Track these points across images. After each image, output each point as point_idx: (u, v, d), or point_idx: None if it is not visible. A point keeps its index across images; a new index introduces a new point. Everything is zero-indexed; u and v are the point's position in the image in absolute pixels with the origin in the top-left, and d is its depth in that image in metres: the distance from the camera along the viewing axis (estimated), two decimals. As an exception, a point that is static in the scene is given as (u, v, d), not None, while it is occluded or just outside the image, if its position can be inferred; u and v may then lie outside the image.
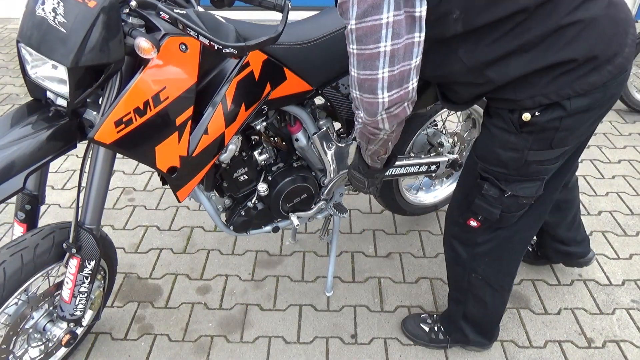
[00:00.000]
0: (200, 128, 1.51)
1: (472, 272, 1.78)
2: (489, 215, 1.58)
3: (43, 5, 1.26)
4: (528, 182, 1.51)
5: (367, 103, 1.31)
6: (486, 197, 1.55)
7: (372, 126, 1.38)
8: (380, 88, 1.27)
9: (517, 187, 1.51)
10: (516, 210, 1.58)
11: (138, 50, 1.26)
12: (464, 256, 1.76)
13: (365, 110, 1.33)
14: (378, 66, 1.23)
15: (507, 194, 1.52)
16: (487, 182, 1.53)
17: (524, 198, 1.54)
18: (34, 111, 1.42)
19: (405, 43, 1.22)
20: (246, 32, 1.52)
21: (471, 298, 1.85)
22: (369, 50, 1.22)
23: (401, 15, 1.18)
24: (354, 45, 1.23)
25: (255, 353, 2.02)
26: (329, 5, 1.83)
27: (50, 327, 1.69)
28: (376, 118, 1.33)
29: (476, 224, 1.64)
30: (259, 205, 1.90)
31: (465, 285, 1.83)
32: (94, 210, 1.53)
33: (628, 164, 3.15)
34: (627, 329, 2.11)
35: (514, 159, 1.46)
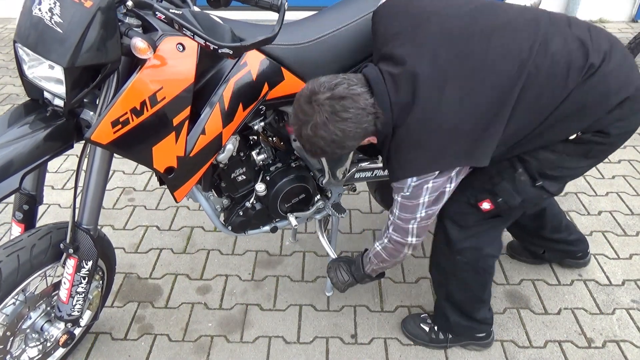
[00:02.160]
0: (197, 128, 1.51)
1: (458, 254, 1.79)
2: (510, 200, 1.62)
3: (40, 5, 1.26)
4: (555, 181, 1.61)
5: (399, 227, 1.61)
6: (516, 182, 1.60)
7: (399, 240, 1.63)
8: (414, 222, 1.57)
9: (547, 182, 1.60)
10: (535, 203, 1.67)
11: (134, 51, 1.26)
12: (453, 237, 1.77)
13: (396, 231, 1.62)
14: (418, 211, 1.54)
15: (537, 184, 1.59)
16: (523, 166, 1.59)
17: (547, 193, 1.62)
18: (31, 111, 1.42)
19: (441, 192, 1.52)
20: (242, 32, 1.52)
21: (453, 280, 1.87)
22: (412, 203, 1.53)
23: (443, 177, 1.48)
24: (399, 198, 1.54)
25: (255, 353, 2.01)
26: (327, 5, 1.83)
27: (48, 327, 1.69)
28: (407, 236, 1.61)
29: (489, 206, 1.66)
30: (257, 206, 1.90)
31: (449, 267, 1.85)
32: (91, 210, 1.53)
33: (628, 164, 3.14)
34: (627, 329, 2.11)
35: (551, 160, 1.56)
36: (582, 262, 2.37)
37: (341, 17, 1.75)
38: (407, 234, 1.59)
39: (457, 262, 1.80)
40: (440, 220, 1.80)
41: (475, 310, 1.94)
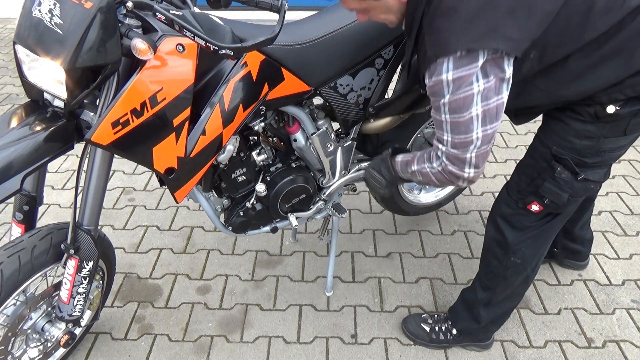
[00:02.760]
0: (197, 129, 1.51)
1: (512, 255, 1.75)
2: (557, 199, 1.57)
3: (39, 6, 1.25)
4: (598, 167, 1.54)
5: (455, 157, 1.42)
6: (558, 181, 1.55)
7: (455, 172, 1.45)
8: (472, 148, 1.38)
9: (589, 172, 1.53)
10: (583, 194, 1.60)
11: (135, 51, 1.26)
12: (510, 239, 1.73)
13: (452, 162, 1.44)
14: (472, 129, 1.34)
15: (579, 177, 1.53)
16: (561, 165, 1.53)
17: (592, 182, 1.56)
18: (31, 112, 1.42)
19: (497, 104, 1.32)
20: (243, 33, 1.52)
21: (502, 283, 1.83)
22: (463, 118, 1.33)
23: (491, 81, 1.29)
24: (447, 116, 1.35)
25: (255, 353, 2.02)
26: (327, 5, 1.83)
27: (49, 327, 1.69)
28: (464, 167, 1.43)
29: (538, 208, 1.62)
30: (257, 206, 1.90)
31: (500, 269, 1.80)
32: (91, 210, 1.53)
33: (628, 164, 3.15)
34: (627, 329, 2.11)
35: (589, 147, 1.49)
36: (583, 264, 2.38)
37: (341, 17, 1.75)
38: (465, 165, 1.42)
39: (509, 264, 1.77)
40: (494, 222, 1.78)
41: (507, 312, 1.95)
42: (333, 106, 1.82)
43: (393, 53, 1.83)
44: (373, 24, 1.76)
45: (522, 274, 1.80)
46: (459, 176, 1.45)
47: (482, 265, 1.91)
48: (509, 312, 1.96)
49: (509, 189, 1.72)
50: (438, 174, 1.50)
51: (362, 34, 1.76)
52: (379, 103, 1.88)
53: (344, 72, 1.78)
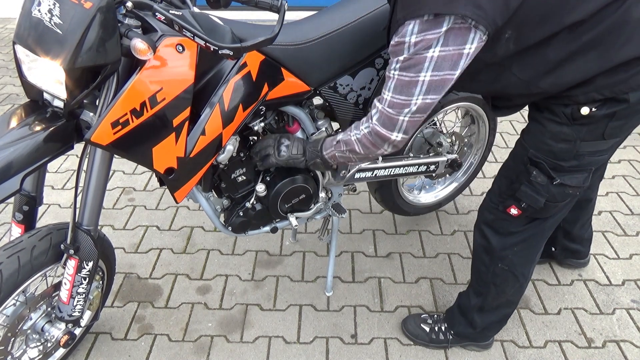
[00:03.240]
0: (197, 129, 1.51)
1: (499, 261, 1.76)
2: (534, 203, 1.56)
3: (39, 6, 1.25)
4: (577, 172, 1.52)
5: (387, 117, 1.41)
6: (534, 184, 1.54)
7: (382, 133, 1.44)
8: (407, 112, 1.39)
9: (566, 177, 1.51)
10: (561, 200, 1.57)
11: (134, 51, 1.26)
12: (495, 245, 1.74)
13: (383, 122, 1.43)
14: (414, 94, 1.34)
15: (555, 182, 1.52)
16: (536, 169, 1.53)
17: (571, 188, 1.54)
18: (30, 112, 1.42)
19: (445, 77, 1.32)
20: (242, 33, 1.52)
21: (493, 290, 1.84)
22: (409, 78, 1.32)
23: (449, 51, 1.27)
24: (396, 72, 1.34)
25: (255, 353, 2.02)
26: (327, 5, 1.83)
27: (49, 327, 1.69)
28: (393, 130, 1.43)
29: (517, 212, 1.62)
30: (257, 206, 1.89)
31: (488, 276, 1.81)
32: (91, 211, 1.53)
33: (628, 164, 3.14)
34: (627, 329, 2.11)
35: (565, 150, 1.47)
36: (583, 262, 2.38)
37: (341, 17, 1.75)
38: (395, 127, 1.42)
39: (497, 271, 1.78)
40: (480, 229, 1.79)
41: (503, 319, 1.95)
42: (333, 106, 1.82)
43: (393, 53, 1.83)
44: (373, 24, 1.76)
45: (513, 282, 1.80)
46: (385, 139, 1.45)
47: (473, 271, 1.92)
48: (505, 319, 1.96)
49: (490, 194, 1.73)
50: (363, 138, 1.50)
51: (362, 34, 1.76)
52: (379, 103, 1.87)
53: (344, 72, 1.77)
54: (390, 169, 2.13)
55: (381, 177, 2.14)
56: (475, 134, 2.53)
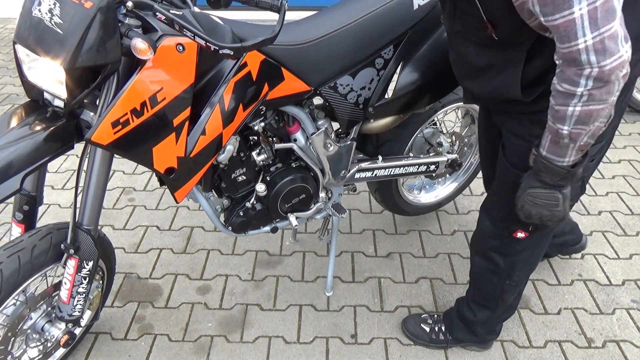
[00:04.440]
0: (197, 129, 1.51)
1: (508, 279, 1.76)
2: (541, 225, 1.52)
3: (39, 6, 1.26)
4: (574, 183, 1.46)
5: (609, 38, 1.11)
6: None
7: (615, 70, 1.13)
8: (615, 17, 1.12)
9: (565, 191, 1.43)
10: None
11: (135, 51, 1.26)
12: (503, 266, 1.73)
13: (607, 49, 1.11)
14: (616, 11, 1.10)
15: None
16: None
17: (571, 200, 1.47)
18: (31, 112, 1.42)
19: None
20: (243, 33, 1.52)
21: (501, 304, 1.86)
22: None
23: None
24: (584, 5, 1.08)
25: (255, 353, 2.02)
26: (327, 5, 1.83)
27: (49, 327, 1.69)
28: (620, 54, 1.12)
29: (524, 234, 1.60)
30: (257, 206, 1.90)
31: (497, 293, 1.81)
32: (91, 210, 1.53)
33: (628, 164, 3.14)
34: (627, 329, 2.11)
35: None
36: (579, 246, 2.36)
37: (341, 17, 1.75)
38: (617, 40, 1.11)
39: (506, 288, 1.79)
40: (484, 255, 1.77)
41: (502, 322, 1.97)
42: (333, 106, 1.82)
43: (393, 53, 1.83)
44: (373, 23, 1.76)
45: (517, 290, 1.83)
46: (619, 64, 1.12)
47: (476, 289, 1.91)
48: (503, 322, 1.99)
49: (492, 221, 1.70)
50: (595, 91, 1.16)
51: (362, 33, 1.76)
52: (379, 103, 1.88)
53: (344, 72, 1.77)
54: (390, 169, 2.13)
55: (381, 177, 2.14)
56: (475, 134, 2.53)
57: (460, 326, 1.98)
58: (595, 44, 1.10)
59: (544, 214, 1.39)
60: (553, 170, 1.32)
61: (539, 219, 1.41)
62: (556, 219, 1.40)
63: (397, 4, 1.79)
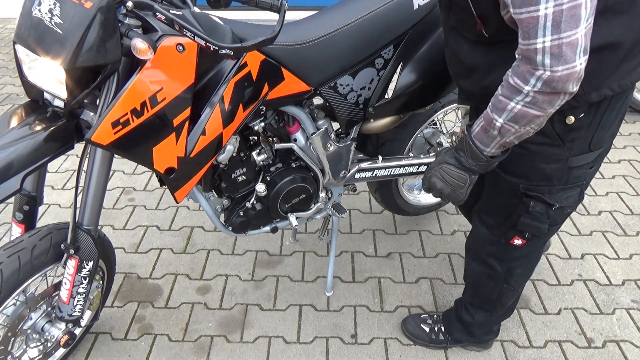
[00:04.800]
0: (197, 129, 1.51)
1: (505, 284, 1.77)
2: (538, 232, 1.56)
3: (39, 6, 1.26)
4: (570, 189, 1.50)
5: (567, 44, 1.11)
6: (533, 214, 1.53)
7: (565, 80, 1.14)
8: None
9: (562, 198, 1.50)
10: (562, 221, 1.58)
11: (135, 51, 1.26)
12: (500, 271, 1.73)
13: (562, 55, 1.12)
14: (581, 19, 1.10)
15: (554, 207, 1.50)
16: (532, 199, 1.50)
17: (569, 207, 1.54)
18: (31, 112, 1.42)
19: None
20: (243, 33, 1.52)
21: (499, 307, 1.86)
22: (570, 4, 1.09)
23: None
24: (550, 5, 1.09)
25: (255, 353, 2.02)
26: (327, 5, 1.83)
27: (49, 327, 1.69)
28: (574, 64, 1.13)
29: (521, 242, 1.61)
30: (257, 206, 1.90)
31: (495, 296, 1.82)
32: (92, 210, 1.53)
33: (628, 164, 3.14)
34: (627, 329, 2.11)
35: (558, 169, 1.45)
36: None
37: (341, 17, 1.75)
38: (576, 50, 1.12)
39: (504, 291, 1.79)
40: (481, 260, 1.77)
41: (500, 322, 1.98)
42: (333, 106, 1.82)
43: (393, 53, 1.83)
44: (373, 23, 1.76)
45: (515, 294, 1.84)
46: (571, 73, 1.14)
47: (472, 292, 1.90)
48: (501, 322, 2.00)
49: (488, 228, 1.69)
50: (539, 95, 1.18)
51: (362, 34, 1.75)
52: (379, 103, 1.88)
53: (344, 72, 1.77)
54: (390, 169, 2.13)
55: (381, 177, 2.14)
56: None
57: (459, 327, 1.98)
58: (552, 47, 1.11)
59: (446, 191, 1.46)
60: (475, 155, 1.38)
61: (439, 194, 1.48)
62: (454, 200, 1.48)
63: (397, 4, 1.79)
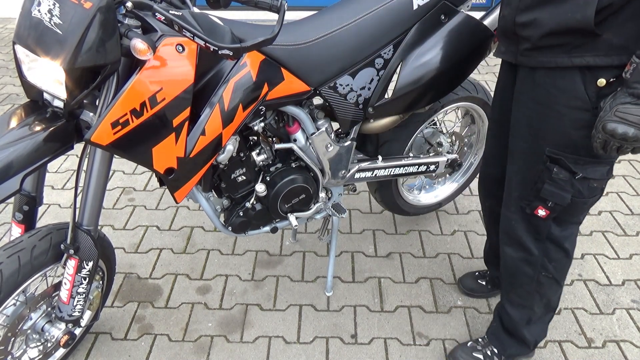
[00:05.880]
0: (197, 129, 1.51)
1: (543, 270, 1.70)
2: (560, 200, 1.53)
3: (39, 6, 1.26)
4: (598, 164, 1.47)
5: None
6: (556, 181, 1.50)
7: None
8: None
9: (588, 169, 1.47)
10: (588, 195, 1.54)
11: (134, 52, 1.26)
12: (536, 253, 1.67)
13: None
14: None
15: (577, 177, 1.48)
16: (557, 165, 1.49)
17: (595, 181, 1.50)
18: (30, 112, 1.42)
19: None
20: (242, 33, 1.52)
21: (538, 299, 1.77)
22: None
23: None
24: None
25: (255, 353, 2.02)
26: (327, 5, 1.83)
27: (49, 327, 1.69)
28: None
29: (544, 212, 1.57)
30: (257, 206, 1.90)
31: (533, 286, 1.74)
32: (91, 211, 1.53)
33: (628, 164, 3.14)
34: (627, 329, 2.11)
35: (586, 137, 1.41)
36: None
37: (341, 17, 1.75)
38: None
39: (542, 279, 1.71)
40: (518, 242, 1.70)
41: (547, 324, 1.88)
42: (333, 106, 1.82)
43: (393, 53, 1.83)
44: (373, 23, 1.76)
45: (556, 288, 1.76)
46: None
47: (510, 288, 1.82)
48: (547, 326, 1.89)
49: (515, 200, 1.65)
50: None
51: (362, 34, 1.76)
52: (379, 103, 1.88)
53: (344, 72, 1.78)
54: (390, 169, 2.13)
55: (381, 177, 2.14)
56: (475, 134, 2.53)
57: (509, 340, 1.88)
58: None
59: (631, 133, 1.30)
60: None
61: (622, 139, 1.31)
62: None
63: (397, 4, 1.79)
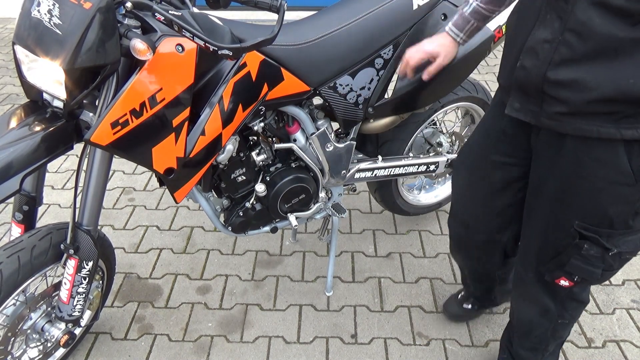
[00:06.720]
0: (197, 129, 1.51)
1: (560, 318, 1.58)
2: (590, 276, 1.36)
3: (38, 7, 1.26)
4: (631, 234, 1.30)
5: None
6: (586, 257, 1.33)
7: None
8: None
9: (621, 242, 1.30)
10: (618, 267, 1.37)
11: (134, 52, 1.26)
12: (553, 308, 1.55)
13: None
14: None
15: (611, 252, 1.31)
16: (587, 242, 1.31)
17: (628, 253, 1.34)
18: (30, 113, 1.42)
19: None
20: (242, 33, 1.52)
21: (552, 341, 1.69)
22: None
23: None
24: None
25: (255, 353, 2.02)
26: (327, 5, 1.83)
27: (49, 327, 1.69)
28: None
29: (568, 283, 1.42)
30: (257, 206, 1.90)
31: (549, 333, 1.64)
32: (91, 211, 1.53)
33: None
34: (627, 329, 2.11)
35: (623, 213, 1.25)
36: None
37: (341, 17, 1.75)
38: None
39: (558, 327, 1.61)
40: (534, 300, 1.58)
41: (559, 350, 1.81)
42: (333, 106, 1.82)
43: (393, 53, 1.83)
44: (372, 24, 1.76)
45: (570, 328, 1.68)
46: None
47: (525, 337, 1.71)
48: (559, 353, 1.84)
49: (536, 260, 1.48)
50: None
51: (362, 34, 1.76)
52: (379, 103, 1.88)
53: (344, 72, 1.78)
54: (390, 169, 2.14)
55: (381, 177, 2.14)
56: (475, 133, 2.53)
57: None
58: None
59: None
60: None
61: None
62: None
63: (397, 4, 1.80)
